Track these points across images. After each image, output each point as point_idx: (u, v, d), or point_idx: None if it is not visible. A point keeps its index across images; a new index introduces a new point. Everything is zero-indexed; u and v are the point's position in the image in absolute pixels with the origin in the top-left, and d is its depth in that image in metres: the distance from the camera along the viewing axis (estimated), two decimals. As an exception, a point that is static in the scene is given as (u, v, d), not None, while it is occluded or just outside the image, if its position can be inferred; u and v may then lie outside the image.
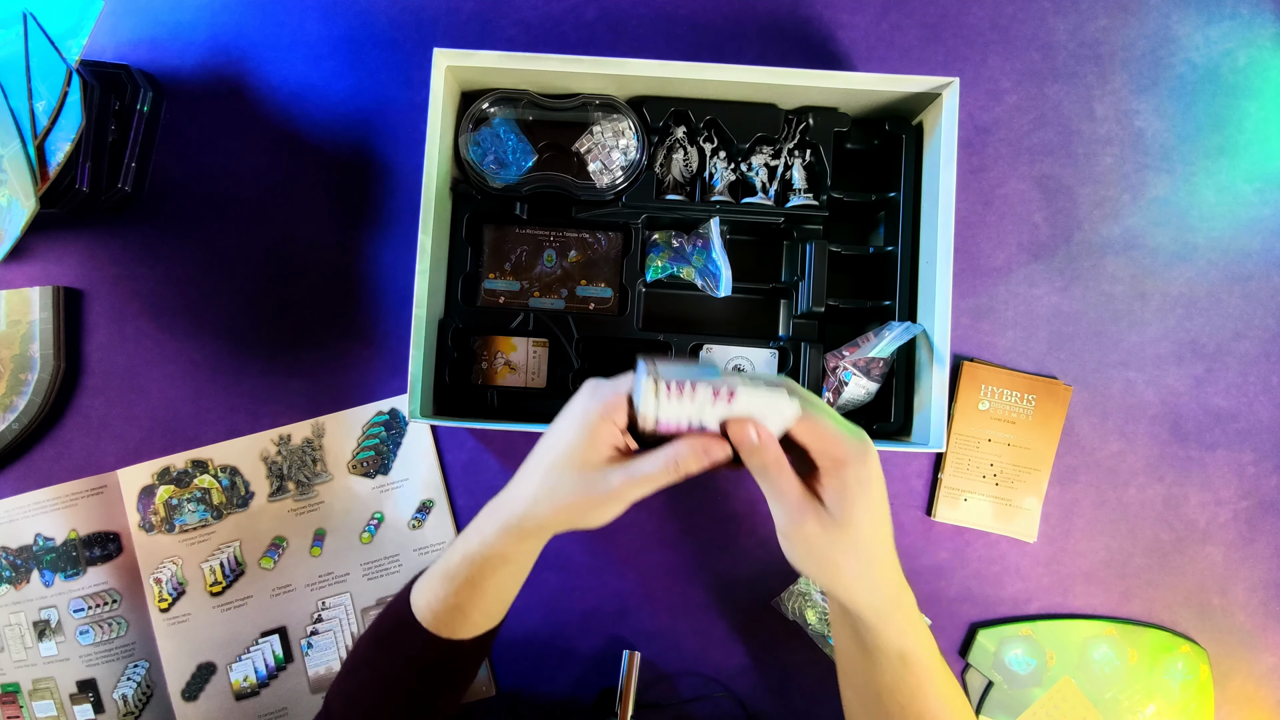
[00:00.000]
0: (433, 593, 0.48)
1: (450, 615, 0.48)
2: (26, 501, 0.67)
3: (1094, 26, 0.71)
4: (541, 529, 0.45)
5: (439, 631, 0.48)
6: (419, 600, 0.49)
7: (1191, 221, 0.71)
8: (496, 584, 0.48)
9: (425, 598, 0.49)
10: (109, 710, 0.66)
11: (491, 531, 0.46)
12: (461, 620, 0.48)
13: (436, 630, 0.48)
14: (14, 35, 0.59)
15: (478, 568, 0.47)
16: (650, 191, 0.65)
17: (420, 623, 0.48)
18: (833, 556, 0.42)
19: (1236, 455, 0.69)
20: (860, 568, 0.43)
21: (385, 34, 0.71)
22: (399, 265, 0.70)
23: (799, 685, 0.67)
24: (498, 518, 0.46)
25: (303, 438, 0.68)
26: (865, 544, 0.43)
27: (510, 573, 0.48)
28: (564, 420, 0.45)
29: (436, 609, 0.48)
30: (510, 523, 0.45)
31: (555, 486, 0.44)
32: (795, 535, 0.43)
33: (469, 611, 0.48)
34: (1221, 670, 0.68)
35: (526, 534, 0.45)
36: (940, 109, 0.61)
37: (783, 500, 0.42)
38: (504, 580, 0.48)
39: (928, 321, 0.61)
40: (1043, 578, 0.68)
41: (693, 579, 0.68)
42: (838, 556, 0.42)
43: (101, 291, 0.69)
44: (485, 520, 0.47)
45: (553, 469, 0.44)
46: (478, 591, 0.47)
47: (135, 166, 0.68)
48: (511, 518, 0.45)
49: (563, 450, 0.44)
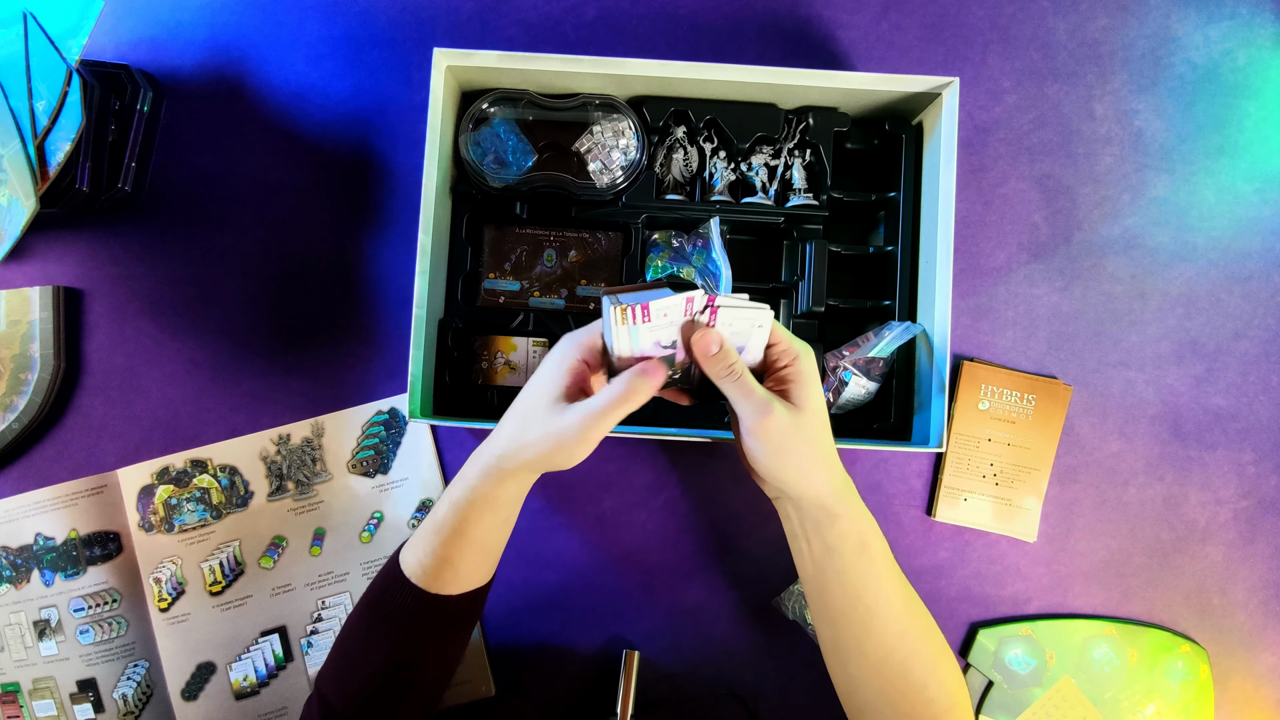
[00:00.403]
0: (421, 548, 0.50)
1: (440, 568, 0.49)
2: (27, 501, 0.67)
3: (1094, 26, 0.71)
4: (519, 469, 0.48)
5: (429, 587, 0.49)
6: (408, 557, 0.50)
7: (1191, 221, 0.71)
8: (483, 532, 0.50)
9: (414, 554, 0.50)
10: (109, 710, 0.66)
11: (474, 475, 0.49)
12: (451, 574, 0.49)
13: (426, 585, 0.49)
14: (14, 35, 0.59)
15: (463, 515, 0.49)
16: (650, 191, 0.65)
17: (410, 580, 0.49)
18: (795, 445, 0.46)
19: (1236, 455, 0.69)
20: (818, 453, 0.47)
21: (385, 34, 0.71)
22: (399, 265, 0.70)
23: (799, 685, 0.67)
24: (479, 462, 0.49)
25: (302, 437, 0.68)
26: (820, 430, 0.47)
27: (496, 519, 0.50)
28: (539, 368, 0.49)
29: (425, 563, 0.49)
30: (490, 464, 0.48)
31: (526, 426, 0.47)
32: (761, 429, 0.46)
33: (457, 563, 0.49)
34: (1221, 670, 0.68)
35: (505, 474, 0.48)
36: (940, 109, 0.61)
37: (750, 397, 0.46)
38: (490, 527, 0.50)
39: (928, 321, 0.61)
40: (1043, 577, 0.68)
41: (693, 579, 0.68)
42: (800, 444, 0.47)
43: (101, 291, 0.69)
44: (468, 467, 0.50)
45: (524, 411, 0.48)
46: (465, 540, 0.49)
47: (135, 166, 0.68)
48: (490, 459, 0.48)
49: (532, 392, 0.48)
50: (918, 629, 0.51)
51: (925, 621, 0.52)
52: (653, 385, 0.45)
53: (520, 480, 0.49)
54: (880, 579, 0.50)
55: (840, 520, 0.48)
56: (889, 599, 0.50)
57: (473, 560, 0.50)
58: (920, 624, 0.51)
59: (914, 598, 0.52)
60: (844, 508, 0.48)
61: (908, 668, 0.50)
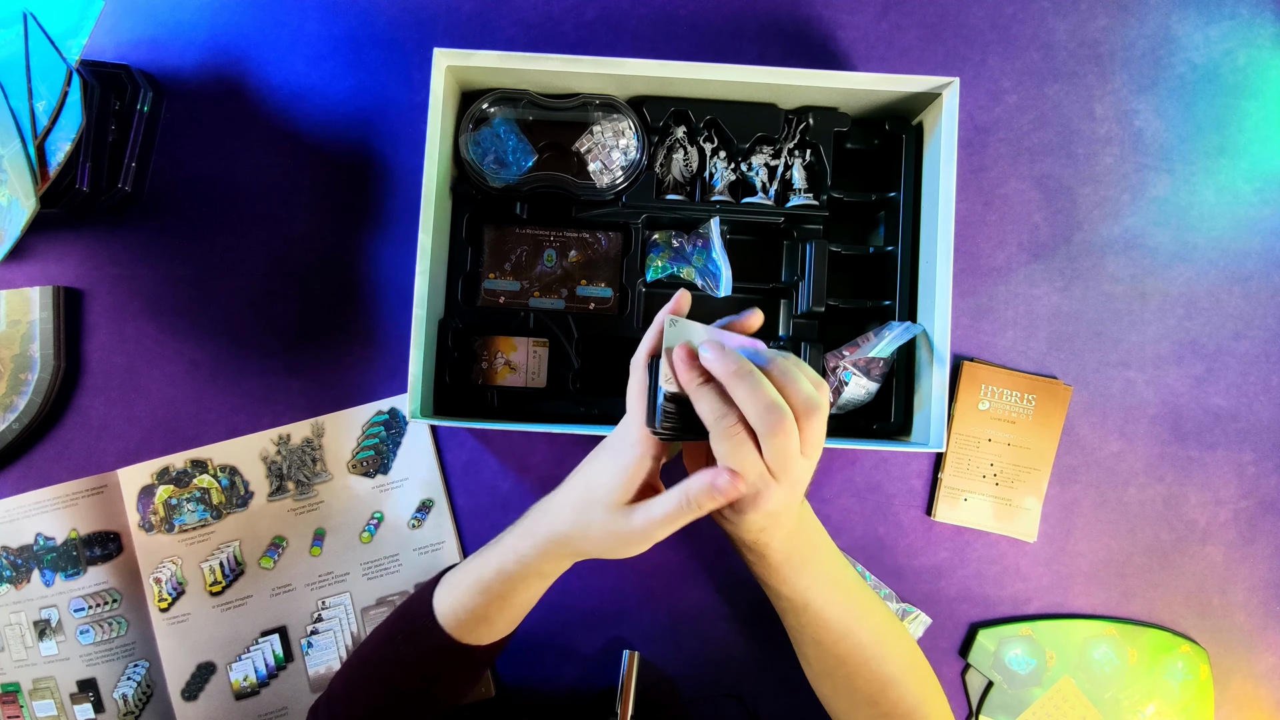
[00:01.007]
0: (460, 602, 0.50)
1: (476, 623, 0.50)
2: (27, 501, 0.67)
3: (1094, 26, 0.71)
4: (576, 555, 0.48)
5: (460, 637, 0.50)
6: (444, 605, 0.51)
7: (1191, 221, 0.71)
8: (526, 597, 0.50)
9: (451, 605, 0.50)
10: (109, 710, 0.66)
11: (528, 550, 0.48)
12: (486, 629, 0.50)
13: (458, 635, 0.50)
14: (14, 35, 0.59)
15: (511, 583, 0.49)
16: (650, 191, 0.65)
17: (442, 626, 0.50)
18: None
19: (1236, 455, 0.69)
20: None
21: (385, 34, 0.71)
22: (399, 265, 0.70)
23: (799, 685, 0.67)
24: (536, 537, 0.48)
25: (302, 437, 0.68)
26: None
27: (540, 586, 0.51)
28: (605, 454, 0.46)
29: (463, 617, 0.50)
30: (549, 547, 0.47)
31: (589, 522, 0.45)
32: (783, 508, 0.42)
33: (494, 620, 0.50)
34: (1221, 670, 0.68)
35: (562, 556, 0.48)
36: (940, 109, 0.61)
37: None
38: (533, 593, 0.51)
39: (928, 321, 0.61)
40: (1043, 577, 0.68)
41: (693, 579, 0.68)
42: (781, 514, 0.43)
43: (101, 291, 0.69)
44: (522, 540, 0.48)
45: (587, 505, 0.45)
46: (507, 604, 0.50)
47: (135, 166, 0.68)
48: (548, 540, 0.47)
49: (598, 489, 0.45)
50: (869, 631, 0.51)
51: (875, 620, 0.52)
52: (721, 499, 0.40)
53: (573, 559, 0.49)
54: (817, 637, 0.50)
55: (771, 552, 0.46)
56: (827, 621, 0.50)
57: (508, 619, 0.51)
58: (868, 624, 0.51)
59: (868, 594, 0.52)
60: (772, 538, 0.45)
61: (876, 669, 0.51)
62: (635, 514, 0.43)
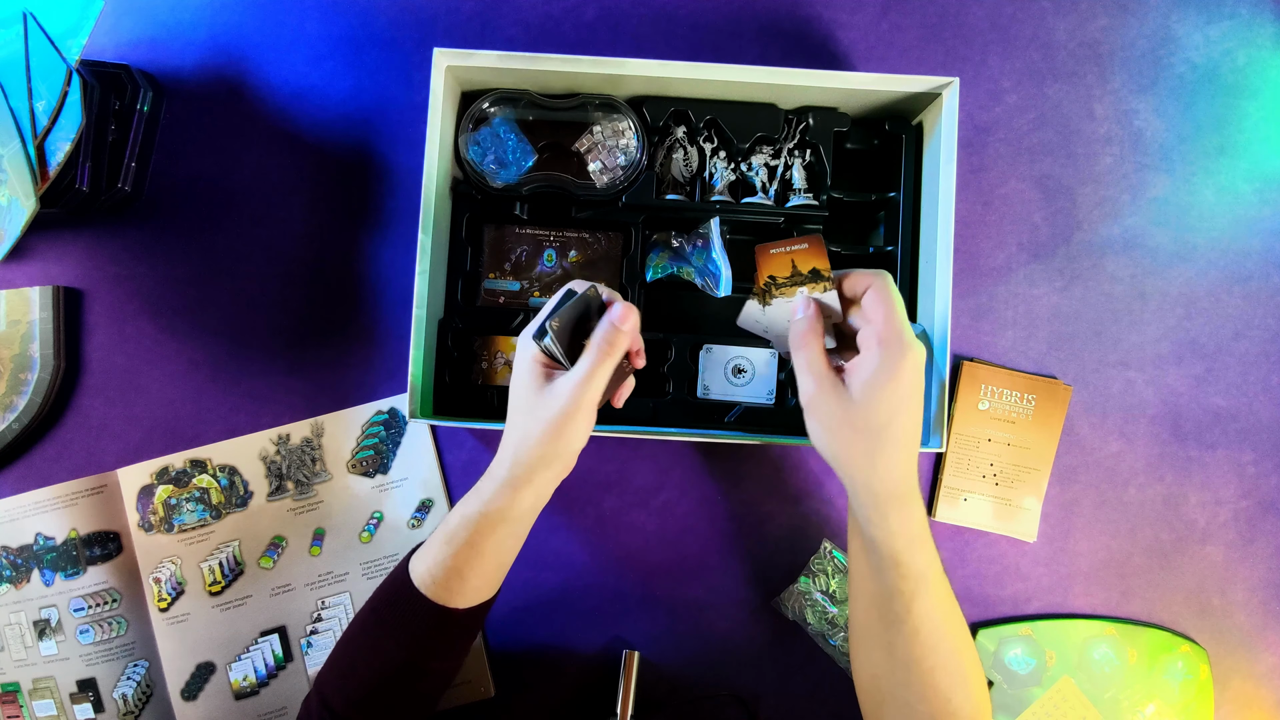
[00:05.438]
0: (432, 558, 0.50)
1: (449, 579, 0.49)
2: (27, 501, 0.67)
3: (1094, 26, 0.71)
4: (531, 475, 0.48)
5: (436, 597, 0.49)
6: (418, 567, 0.51)
7: (1191, 221, 0.71)
8: (495, 545, 0.50)
9: (424, 564, 0.50)
10: (109, 710, 0.66)
11: (488, 489, 0.49)
12: (459, 585, 0.50)
13: (434, 596, 0.49)
14: (14, 35, 0.59)
15: (477, 527, 0.49)
16: (650, 191, 0.65)
17: (418, 589, 0.50)
18: (844, 431, 0.46)
19: (1236, 455, 0.69)
20: (868, 446, 0.46)
21: (385, 34, 0.71)
22: (399, 265, 0.70)
23: (799, 685, 0.67)
24: (492, 477, 0.50)
25: (302, 437, 0.68)
26: (878, 427, 0.45)
27: (508, 533, 0.50)
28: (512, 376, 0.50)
29: (436, 574, 0.50)
30: (503, 477, 0.49)
31: (525, 427, 0.48)
32: (813, 403, 0.47)
33: (467, 575, 0.50)
34: (1221, 670, 0.68)
35: (518, 483, 0.48)
36: (940, 109, 0.61)
37: (804, 372, 0.48)
38: (502, 541, 0.50)
39: (928, 321, 0.61)
40: (1043, 577, 0.68)
41: (692, 579, 0.68)
42: (849, 431, 0.46)
43: (101, 291, 0.69)
44: (482, 482, 0.50)
45: (518, 415, 0.49)
46: (476, 553, 0.49)
47: (135, 166, 0.68)
48: (502, 471, 0.49)
49: (517, 396, 0.49)
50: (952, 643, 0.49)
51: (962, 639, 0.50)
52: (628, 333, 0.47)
53: (535, 490, 0.49)
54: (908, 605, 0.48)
55: (874, 527, 0.47)
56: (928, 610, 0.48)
57: (482, 574, 0.51)
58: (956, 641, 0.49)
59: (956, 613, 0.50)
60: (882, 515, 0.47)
61: (935, 677, 0.48)
62: (556, 384, 0.47)
